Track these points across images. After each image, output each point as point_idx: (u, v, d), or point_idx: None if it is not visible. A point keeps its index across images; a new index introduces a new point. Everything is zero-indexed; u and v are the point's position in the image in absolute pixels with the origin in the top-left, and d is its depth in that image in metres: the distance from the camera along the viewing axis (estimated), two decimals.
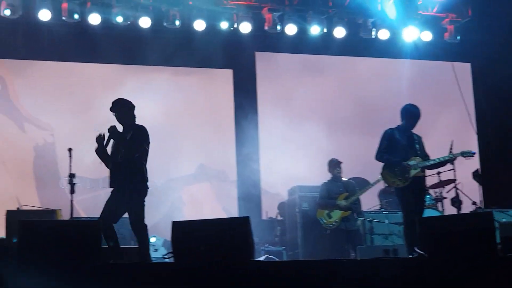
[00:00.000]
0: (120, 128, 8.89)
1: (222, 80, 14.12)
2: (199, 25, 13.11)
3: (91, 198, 12.87)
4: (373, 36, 13.87)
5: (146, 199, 13.00)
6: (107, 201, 8.76)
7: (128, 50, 13.55)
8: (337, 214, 11.43)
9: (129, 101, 9.09)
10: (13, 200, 11.90)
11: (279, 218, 12.91)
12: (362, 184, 11.78)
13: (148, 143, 8.89)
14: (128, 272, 6.82)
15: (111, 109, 8.98)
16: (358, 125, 14.26)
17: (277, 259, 11.10)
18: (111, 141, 8.77)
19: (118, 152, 8.86)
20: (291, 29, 13.39)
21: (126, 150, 8.70)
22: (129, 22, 12.88)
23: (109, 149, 8.82)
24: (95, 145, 8.76)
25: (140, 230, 8.67)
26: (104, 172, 12.94)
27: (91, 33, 12.97)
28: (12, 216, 9.76)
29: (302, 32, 13.55)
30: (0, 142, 12.97)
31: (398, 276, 6.98)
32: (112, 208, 8.65)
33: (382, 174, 9.49)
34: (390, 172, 9.32)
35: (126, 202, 8.66)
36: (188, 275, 6.78)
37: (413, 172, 9.19)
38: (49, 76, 13.33)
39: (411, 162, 9.20)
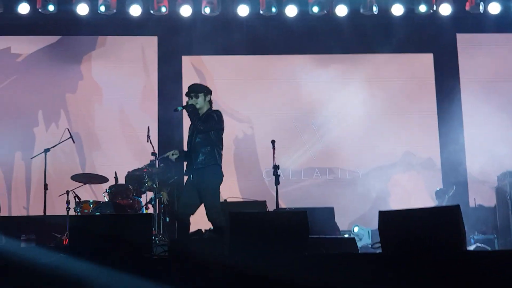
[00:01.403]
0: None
1: (422, 65, 13.69)
2: (397, 9, 12.82)
3: (293, 190, 12.98)
4: None
5: (352, 189, 12.88)
6: (182, 192, 8.72)
7: (324, 40, 13.47)
8: None
9: (206, 86, 8.98)
10: None
11: None
12: None
13: (221, 126, 8.67)
14: (335, 262, 6.74)
15: (187, 94, 8.84)
16: None
17: (488, 248, 10.67)
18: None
19: (192, 137, 8.72)
20: (494, 8, 12.76)
21: (200, 128, 8.54)
22: (325, 12, 12.83)
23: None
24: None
25: (216, 218, 8.43)
26: (305, 163, 13.06)
27: (287, 25, 13.07)
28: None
29: (507, 9, 12.89)
30: None
31: None
32: (185, 200, 8.56)
33: None
34: None
35: (198, 188, 8.49)
36: (396, 266, 6.60)
37: None
38: (247, 70, 13.51)
39: None
